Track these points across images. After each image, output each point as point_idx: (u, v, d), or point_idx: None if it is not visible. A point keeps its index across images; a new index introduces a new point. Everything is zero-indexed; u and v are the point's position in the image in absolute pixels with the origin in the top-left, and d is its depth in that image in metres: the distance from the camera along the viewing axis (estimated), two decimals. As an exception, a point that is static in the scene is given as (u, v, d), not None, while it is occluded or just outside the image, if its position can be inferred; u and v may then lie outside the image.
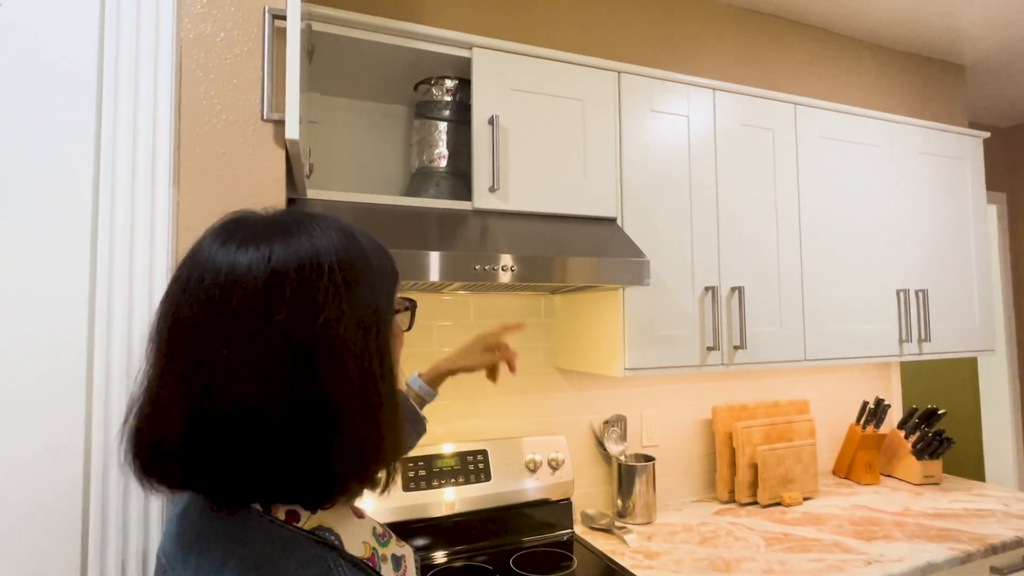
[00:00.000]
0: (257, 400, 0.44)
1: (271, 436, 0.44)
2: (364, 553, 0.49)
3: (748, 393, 2.02)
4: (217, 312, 0.46)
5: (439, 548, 1.46)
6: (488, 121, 1.32)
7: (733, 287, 1.58)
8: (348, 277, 0.50)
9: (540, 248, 1.26)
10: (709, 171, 1.58)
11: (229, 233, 0.49)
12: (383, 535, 0.53)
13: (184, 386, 0.45)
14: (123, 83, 0.79)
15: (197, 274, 0.47)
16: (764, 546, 1.50)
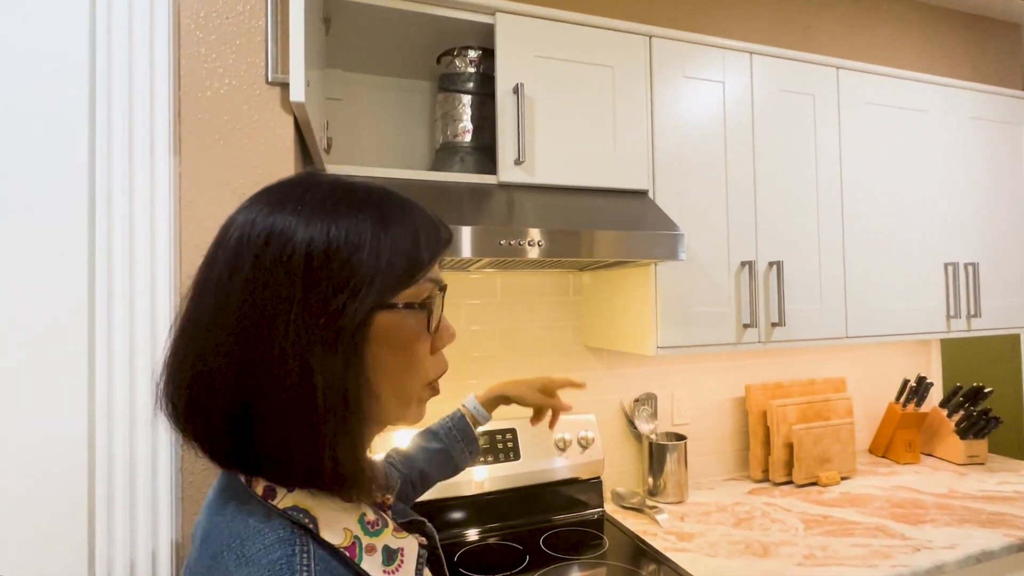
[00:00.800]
0: (252, 370, 0.41)
1: (260, 409, 0.41)
2: (343, 540, 0.42)
3: (782, 371, 1.87)
4: (232, 274, 0.42)
5: (469, 526, 1.38)
6: (513, 90, 1.20)
7: (771, 262, 1.43)
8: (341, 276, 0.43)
9: (568, 222, 1.14)
10: (746, 140, 1.42)
11: (272, 193, 0.46)
12: (375, 523, 0.46)
13: (195, 342, 0.43)
14: (116, 47, 0.69)
15: (231, 234, 0.44)
16: (803, 529, 1.38)
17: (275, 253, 0.41)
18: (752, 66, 1.44)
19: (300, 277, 0.41)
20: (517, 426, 1.48)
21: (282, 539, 0.40)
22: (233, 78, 0.75)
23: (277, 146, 0.76)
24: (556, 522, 1.45)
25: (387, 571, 0.44)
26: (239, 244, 0.43)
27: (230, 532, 0.41)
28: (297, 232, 0.42)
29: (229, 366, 0.41)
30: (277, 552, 0.39)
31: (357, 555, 0.42)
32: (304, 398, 0.41)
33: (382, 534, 0.45)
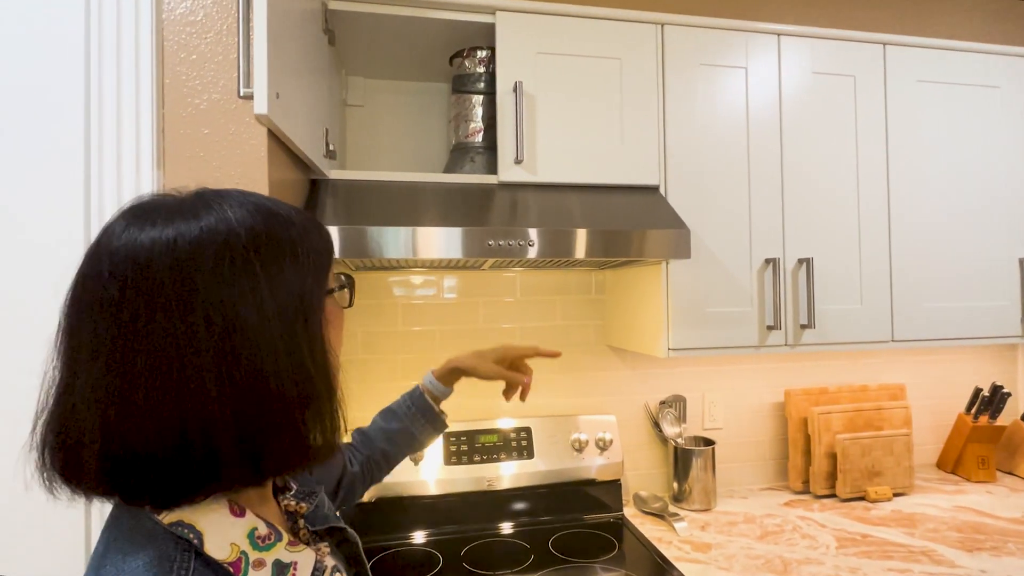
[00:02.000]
0: (175, 402, 0.39)
1: (193, 423, 0.40)
2: (228, 556, 0.42)
3: (830, 375, 1.72)
4: (123, 306, 0.40)
5: (477, 523, 1.39)
6: (512, 89, 1.18)
7: (800, 259, 1.32)
8: (265, 257, 0.44)
9: (563, 221, 1.11)
10: (772, 128, 1.32)
11: (134, 216, 0.43)
12: (266, 537, 0.45)
13: (101, 389, 0.39)
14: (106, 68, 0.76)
15: (103, 263, 0.41)
16: (834, 547, 1.26)
17: (220, 259, 0.42)
18: (780, 48, 1.33)
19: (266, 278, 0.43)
20: (532, 424, 1.47)
21: (163, 555, 0.40)
22: (212, 93, 0.80)
23: (251, 156, 0.80)
24: (569, 523, 1.42)
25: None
26: (174, 267, 0.40)
27: (117, 549, 0.41)
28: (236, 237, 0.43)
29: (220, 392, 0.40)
30: (154, 570, 0.39)
31: (242, 570, 0.42)
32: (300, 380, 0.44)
33: (273, 548, 0.45)
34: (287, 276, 0.45)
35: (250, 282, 0.42)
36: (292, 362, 0.43)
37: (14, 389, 0.73)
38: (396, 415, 0.91)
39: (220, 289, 0.41)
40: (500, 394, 1.50)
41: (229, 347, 0.40)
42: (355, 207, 1.06)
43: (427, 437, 0.93)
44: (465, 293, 1.53)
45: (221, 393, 0.40)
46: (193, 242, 0.41)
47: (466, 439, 1.43)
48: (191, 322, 0.40)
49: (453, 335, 1.51)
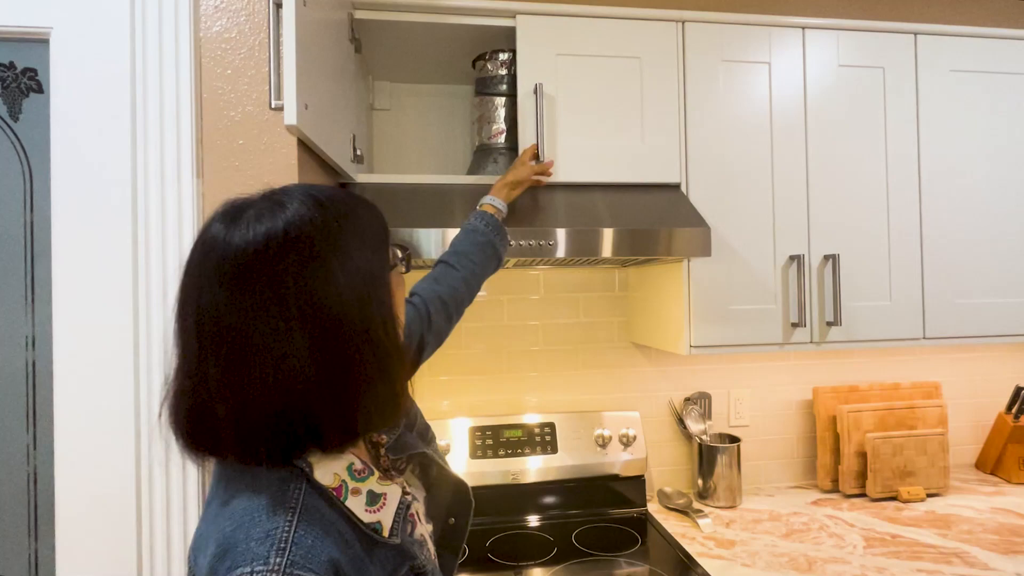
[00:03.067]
0: (284, 373, 0.46)
1: (297, 402, 0.47)
2: (332, 483, 0.50)
3: (861, 373, 1.69)
4: (235, 291, 0.47)
5: (502, 515, 1.42)
6: (532, 91, 1.20)
7: (826, 255, 1.30)
8: (340, 243, 0.50)
9: (587, 220, 1.13)
10: (796, 123, 1.30)
11: (227, 219, 0.50)
12: (362, 471, 0.53)
13: (224, 370, 0.47)
14: (150, 84, 0.81)
15: (211, 258, 0.48)
16: (862, 547, 1.25)
17: (296, 248, 0.48)
18: (805, 41, 1.31)
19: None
20: (556, 420, 1.49)
21: (280, 476, 0.49)
22: (246, 105, 0.84)
23: (282, 164, 0.84)
24: (592, 518, 1.44)
25: (369, 511, 0.52)
26: (272, 256, 0.48)
27: (248, 473, 0.49)
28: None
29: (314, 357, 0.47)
30: (274, 486, 0.48)
31: (343, 495, 0.51)
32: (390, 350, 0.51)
33: (367, 480, 0.53)
34: (359, 257, 0.51)
35: (326, 269, 0.48)
36: (372, 336, 0.50)
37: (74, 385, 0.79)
38: (478, 231, 0.98)
39: (306, 279, 0.47)
40: (524, 390, 1.53)
41: (317, 330, 0.47)
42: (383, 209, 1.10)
43: (503, 251, 1.02)
44: (490, 290, 1.56)
45: (316, 369, 0.47)
46: (279, 239, 0.48)
47: (491, 433, 1.46)
48: (287, 310, 0.46)
49: (478, 332, 1.55)
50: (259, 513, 0.46)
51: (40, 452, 0.82)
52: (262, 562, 0.43)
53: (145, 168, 0.81)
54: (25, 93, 0.81)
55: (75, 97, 0.80)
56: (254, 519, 0.46)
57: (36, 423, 0.82)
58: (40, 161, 0.82)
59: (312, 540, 0.46)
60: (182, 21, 0.82)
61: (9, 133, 0.81)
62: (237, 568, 0.43)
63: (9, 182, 0.82)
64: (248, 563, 0.43)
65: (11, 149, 0.82)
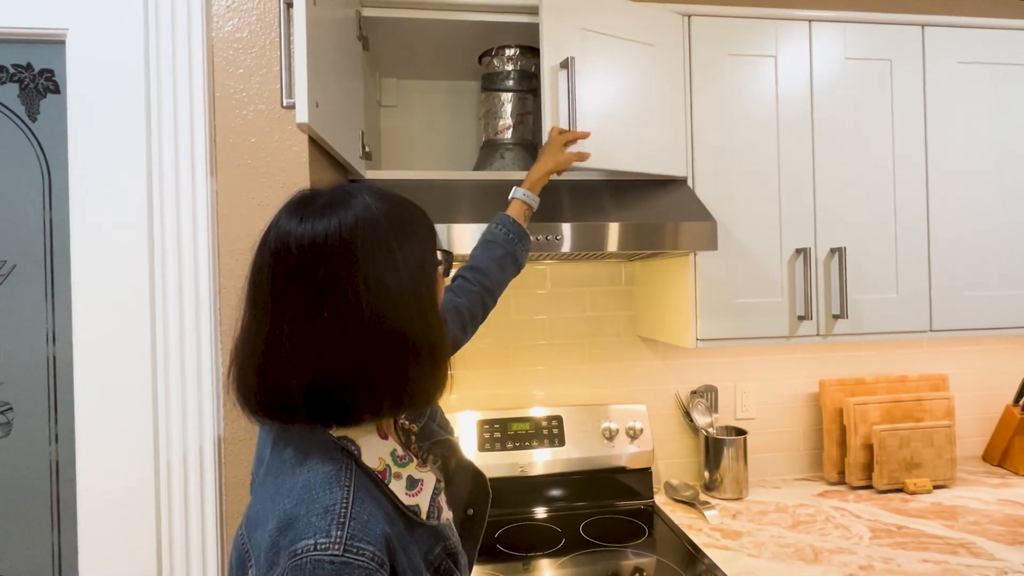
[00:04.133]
0: (351, 349, 0.51)
1: (360, 371, 0.51)
2: (378, 466, 0.55)
3: (868, 366, 1.69)
4: (307, 277, 0.51)
5: (511, 507, 1.44)
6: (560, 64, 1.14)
7: (833, 248, 1.30)
8: (399, 236, 0.55)
9: (591, 215, 1.14)
10: (803, 116, 1.30)
11: (300, 209, 0.54)
12: (403, 457, 0.58)
13: (299, 340, 0.51)
14: (164, 84, 0.82)
15: (291, 247, 0.52)
16: (868, 538, 1.26)
17: (370, 237, 0.53)
18: (811, 34, 1.31)
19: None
20: (563, 413, 1.51)
21: (333, 457, 0.52)
22: (258, 104, 0.86)
23: (293, 162, 0.86)
24: (600, 509, 1.46)
25: (408, 494, 0.56)
26: (342, 245, 0.52)
27: (299, 449, 0.54)
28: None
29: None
30: (329, 465, 0.52)
31: (387, 478, 0.55)
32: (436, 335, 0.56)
33: (408, 466, 0.57)
34: (413, 249, 0.56)
35: (390, 255, 0.53)
36: (423, 319, 0.55)
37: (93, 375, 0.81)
38: (497, 243, 0.98)
39: (372, 263, 0.52)
40: (531, 383, 1.55)
41: (380, 308, 0.52)
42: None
43: (524, 259, 1.03)
44: (497, 286, 1.57)
45: (380, 342, 0.51)
46: (351, 227, 0.52)
47: (499, 426, 1.48)
48: (356, 289, 0.51)
49: (485, 326, 1.56)
50: (317, 490, 0.49)
51: (62, 445, 0.84)
52: (324, 534, 0.46)
53: (160, 166, 0.83)
54: (42, 94, 0.83)
55: (91, 97, 0.82)
56: (313, 496, 0.49)
57: (58, 417, 0.84)
58: (58, 160, 0.84)
59: (367, 516, 0.49)
60: (195, 21, 0.83)
61: (28, 133, 0.83)
62: (301, 540, 0.46)
63: (29, 181, 0.83)
64: (312, 536, 0.46)
65: (30, 149, 0.84)
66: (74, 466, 0.81)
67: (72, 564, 0.84)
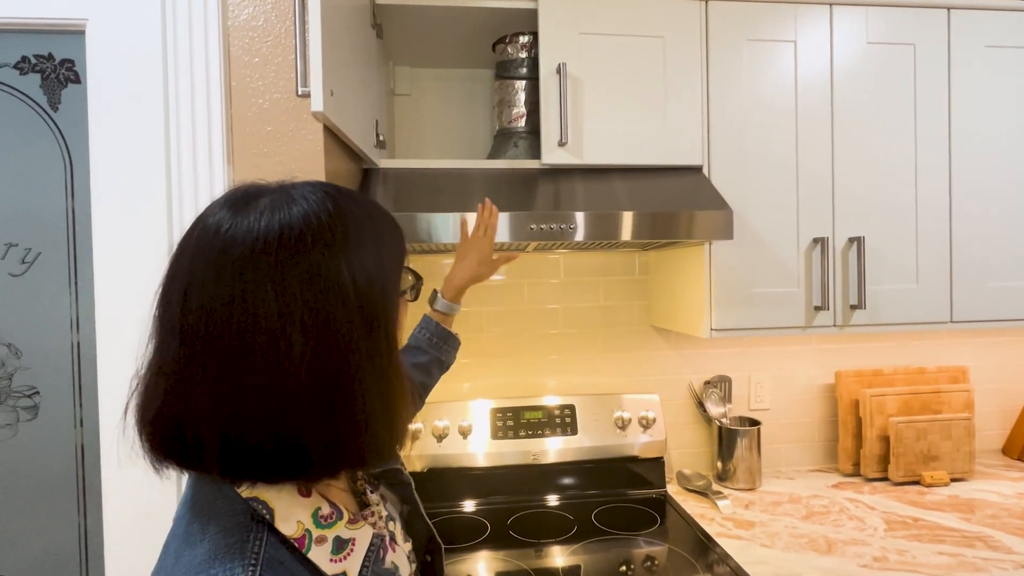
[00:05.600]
0: (279, 384, 0.42)
1: (289, 419, 0.42)
2: (294, 531, 0.46)
3: (885, 357, 1.67)
4: (234, 285, 0.42)
5: (523, 494, 1.45)
6: (555, 71, 1.20)
7: (851, 238, 1.28)
8: (358, 246, 0.46)
9: (607, 204, 1.13)
10: (823, 103, 1.28)
11: (235, 204, 0.46)
12: (328, 516, 0.48)
13: (212, 374, 0.42)
14: (181, 74, 0.83)
15: (212, 246, 0.44)
16: (883, 529, 1.25)
17: (308, 242, 0.44)
18: (832, 18, 1.28)
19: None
20: (576, 402, 1.51)
21: (239, 524, 0.44)
22: (274, 93, 0.86)
23: (309, 150, 0.86)
24: (612, 498, 1.47)
25: (335, 559, 0.47)
26: (278, 248, 0.43)
27: (199, 513, 0.46)
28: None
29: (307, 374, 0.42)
30: (233, 536, 0.43)
31: (306, 545, 0.46)
32: (383, 379, 0.46)
33: (334, 526, 0.48)
34: (369, 269, 0.47)
35: (337, 276, 0.44)
36: (376, 357, 0.46)
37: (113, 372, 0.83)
38: (420, 349, 0.97)
39: (314, 282, 0.43)
40: (544, 372, 1.55)
41: (320, 344, 0.42)
42: (405, 194, 1.12)
43: (451, 359, 1.02)
44: (510, 274, 1.57)
45: (312, 382, 0.42)
46: (292, 235, 0.43)
47: (512, 415, 1.48)
48: (289, 316, 0.42)
49: (498, 315, 1.57)
50: (217, 571, 0.42)
51: (87, 429, 0.86)
52: None
53: (178, 155, 0.84)
54: (64, 84, 0.84)
55: (110, 87, 0.83)
56: (211, 572, 0.42)
57: (83, 402, 0.86)
58: (79, 150, 0.85)
59: None
60: (211, 10, 0.83)
61: (50, 123, 0.85)
62: None
63: (51, 171, 0.85)
64: None
65: (52, 139, 0.85)
66: (99, 450, 0.83)
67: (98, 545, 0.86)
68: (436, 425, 1.44)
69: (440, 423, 1.45)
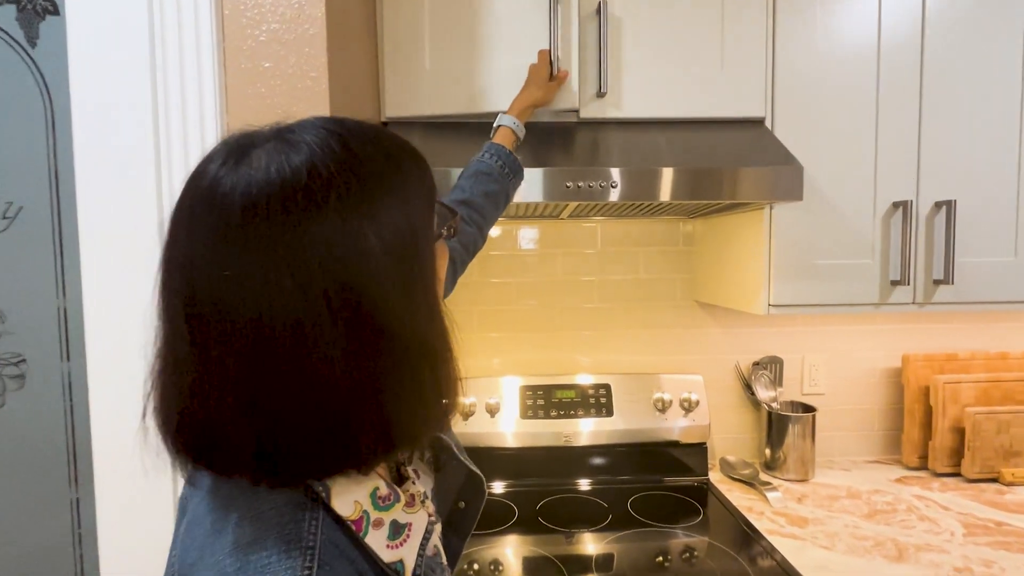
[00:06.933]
0: (309, 371, 0.34)
1: (329, 410, 0.35)
2: (351, 513, 0.39)
3: (960, 340, 1.45)
4: (231, 261, 0.34)
5: (553, 477, 1.32)
6: (595, 11, 1.02)
7: (939, 202, 1.07)
8: (378, 190, 0.37)
9: (649, 160, 0.96)
10: (911, 48, 1.06)
11: (229, 158, 0.37)
12: (387, 497, 0.42)
13: (228, 369, 0.34)
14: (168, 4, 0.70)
15: (209, 212, 0.35)
16: (961, 534, 1.07)
17: (315, 195, 0.36)
18: (928, -57, 1.05)
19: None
20: (611, 382, 1.36)
21: (294, 502, 0.37)
22: (271, 23, 0.72)
23: (311, 91, 0.72)
24: (649, 485, 1.32)
25: (391, 545, 0.41)
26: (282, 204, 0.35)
27: (246, 489, 0.38)
28: None
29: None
30: (286, 515, 0.37)
31: (363, 529, 0.39)
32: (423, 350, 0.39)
33: (392, 508, 0.42)
34: (395, 220, 0.38)
35: (356, 232, 0.35)
36: (412, 324, 0.38)
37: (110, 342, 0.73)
38: (492, 177, 0.84)
39: (328, 245, 0.34)
40: (578, 349, 1.40)
41: (347, 311, 0.35)
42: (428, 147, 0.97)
43: (514, 192, 0.90)
44: (543, 244, 1.42)
45: (345, 363, 0.35)
46: (294, 190, 0.34)
47: (543, 393, 1.35)
48: (309, 288, 0.34)
49: (530, 287, 1.42)
50: (270, 553, 0.35)
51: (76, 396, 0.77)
52: None
53: (166, 94, 0.71)
54: (41, 15, 0.72)
55: (91, 17, 0.71)
56: (264, 562, 0.35)
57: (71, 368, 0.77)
58: (60, 89, 0.74)
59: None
60: (198, -76, 0.70)
61: (28, 60, 0.73)
62: None
63: (31, 113, 0.74)
64: None
65: (31, 78, 0.74)
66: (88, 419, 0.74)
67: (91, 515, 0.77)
68: (462, 402, 1.32)
69: (467, 400, 1.32)
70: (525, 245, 1.41)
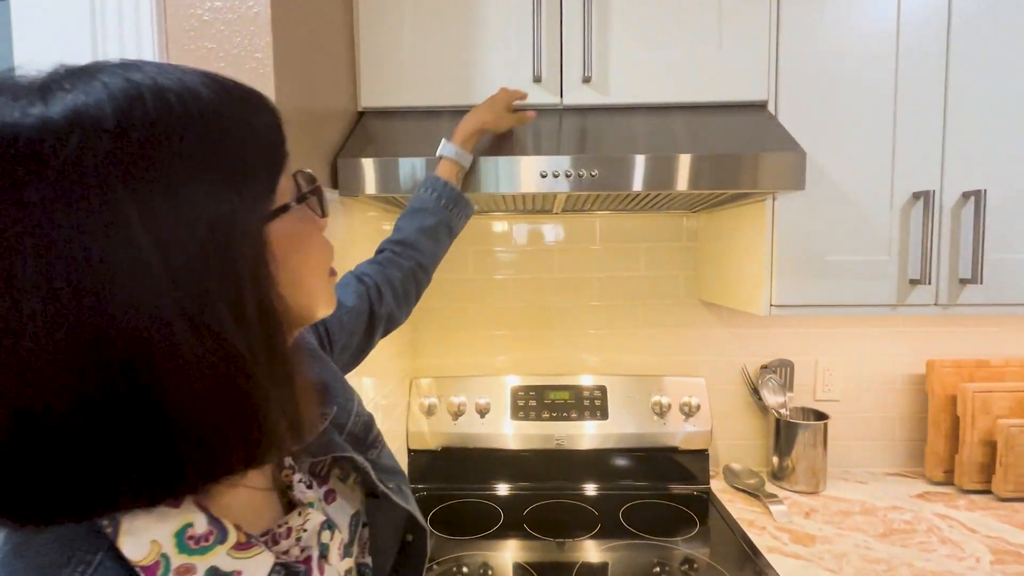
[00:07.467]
0: (48, 393, 0.26)
1: (112, 424, 0.27)
2: (143, 557, 0.30)
3: (992, 344, 1.31)
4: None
5: (543, 481, 1.25)
6: (580, -11, 0.94)
7: (966, 192, 0.95)
8: (205, 145, 0.29)
9: (628, 147, 0.87)
10: (935, 26, 0.94)
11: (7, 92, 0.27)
12: (203, 537, 0.32)
13: None
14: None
15: None
16: (988, 561, 0.95)
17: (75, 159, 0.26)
18: (956, -97, 0.92)
19: None
20: (608, 383, 1.28)
21: (67, 537, 0.30)
22: (215, 1, 0.67)
23: (256, 72, 0.67)
24: (645, 493, 1.23)
25: None
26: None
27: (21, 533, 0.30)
28: None
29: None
30: (51, 555, 0.29)
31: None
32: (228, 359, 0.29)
33: (210, 552, 0.32)
34: (206, 185, 0.28)
35: (172, 188, 0.27)
36: (194, 327, 0.27)
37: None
38: (427, 211, 0.77)
39: (77, 231, 0.25)
40: (576, 348, 1.32)
41: (95, 314, 0.26)
42: (391, 139, 0.91)
43: (462, 225, 0.82)
44: (540, 240, 1.34)
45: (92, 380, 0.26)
46: (79, 130, 0.25)
47: (535, 394, 1.27)
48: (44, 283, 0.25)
49: (526, 284, 1.35)
50: None
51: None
52: None
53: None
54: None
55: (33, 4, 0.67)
56: None
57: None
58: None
59: None
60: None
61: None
62: None
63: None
64: None
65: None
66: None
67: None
68: (452, 401, 1.26)
69: (456, 399, 1.26)
70: (520, 241, 1.34)
